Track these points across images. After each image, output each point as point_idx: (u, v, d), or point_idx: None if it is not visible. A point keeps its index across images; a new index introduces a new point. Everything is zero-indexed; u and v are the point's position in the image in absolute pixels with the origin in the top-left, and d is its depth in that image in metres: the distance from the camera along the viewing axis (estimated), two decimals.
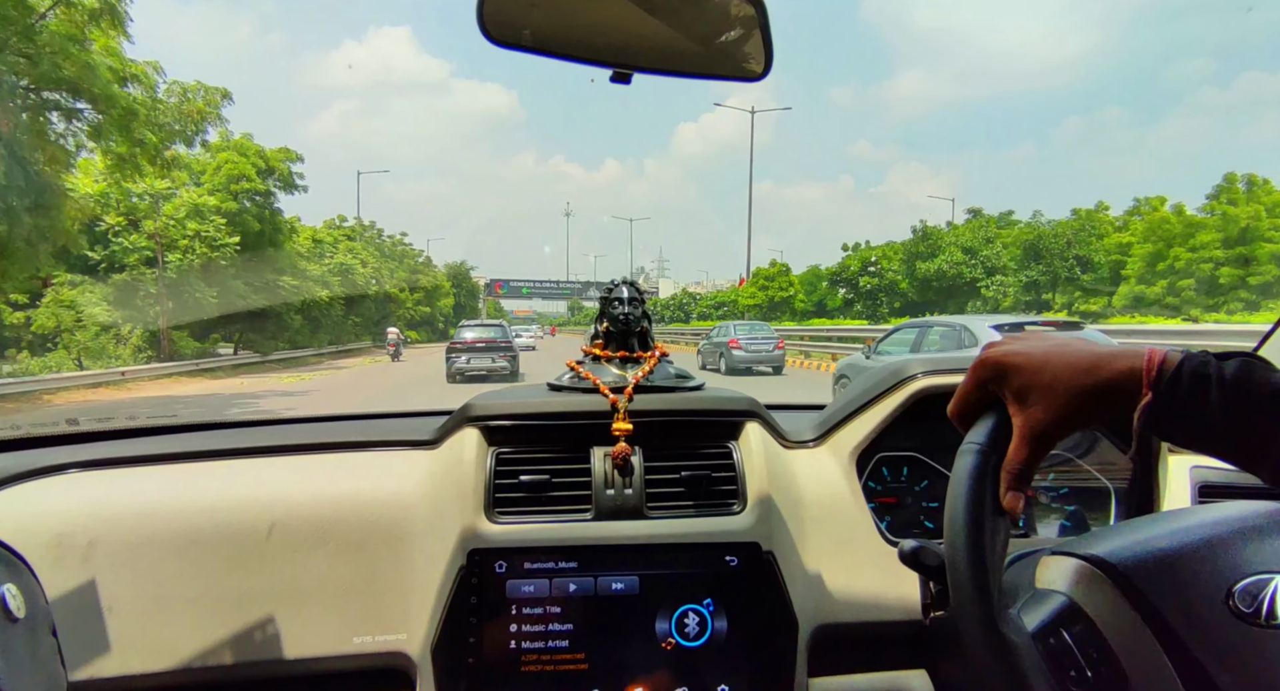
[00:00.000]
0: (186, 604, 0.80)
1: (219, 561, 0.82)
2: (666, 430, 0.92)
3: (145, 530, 0.82)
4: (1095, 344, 0.50)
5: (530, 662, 0.79)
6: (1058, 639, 0.51)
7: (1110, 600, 0.50)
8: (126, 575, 0.80)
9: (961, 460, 0.52)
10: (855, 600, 0.89)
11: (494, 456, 0.88)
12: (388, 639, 0.82)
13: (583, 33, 0.72)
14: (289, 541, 0.84)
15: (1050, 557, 0.57)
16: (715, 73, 0.77)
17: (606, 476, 0.88)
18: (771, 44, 0.76)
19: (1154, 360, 0.46)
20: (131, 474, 0.90)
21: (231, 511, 0.85)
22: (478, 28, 0.67)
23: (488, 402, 0.92)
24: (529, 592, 0.81)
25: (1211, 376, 0.44)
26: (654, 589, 0.82)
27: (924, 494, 1.03)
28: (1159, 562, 0.51)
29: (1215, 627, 0.47)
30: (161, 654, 0.79)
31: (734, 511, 0.88)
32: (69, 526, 0.81)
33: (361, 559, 0.84)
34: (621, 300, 0.98)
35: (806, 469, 0.97)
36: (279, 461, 0.94)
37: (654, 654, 0.81)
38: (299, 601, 0.82)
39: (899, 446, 1.02)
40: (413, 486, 0.89)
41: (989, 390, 0.53)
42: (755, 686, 0.82)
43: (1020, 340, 0.53)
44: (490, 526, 0.83)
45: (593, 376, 0.95)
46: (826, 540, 0.92)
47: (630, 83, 0.72)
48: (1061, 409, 0.49)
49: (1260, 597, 0.46)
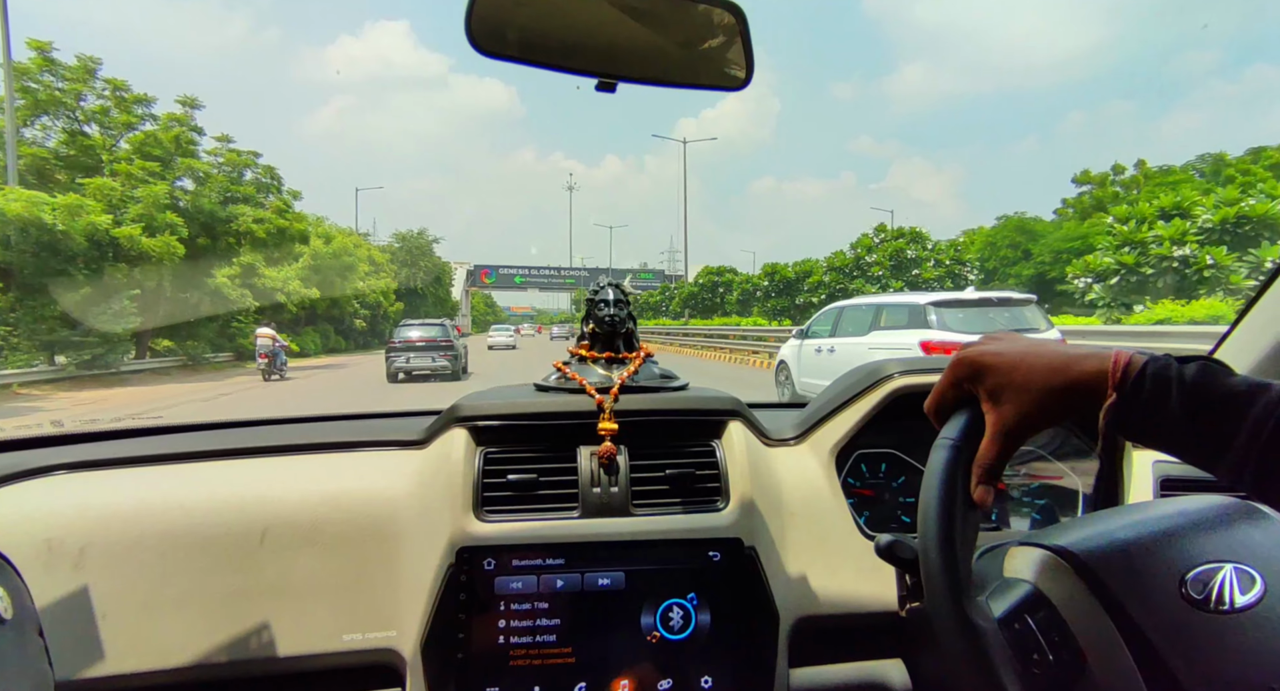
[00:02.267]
0: (176, 604, 0.81)
1: (208, 561, 0.83)
2: (651, 429, 0.94)
3: (134, 531, 0.82)
4: (1067, 346, 0.53)
5: (519, 657, 0.81)
6: (1022, 624, 0.53)
7: (1072, 588, 0.53)
8: (115, 576, 0.81)
9: (936, 454, 0.55)
10: (834, 593, 0.92)
11: (482, 456, 0.90)
12: (378, 636, 0.83)
13: (568, 42, 0.74)
14: (279, 541, 0.85)
15: (1018, 548, 0.60)
16: (698, 82, 0.79)
17: (593, 475, 0.89)
18: (752, 53, 0.78)
19: (1119, 362, 0.48)
20: (119, 475, 0.90)
21: (220, 511, 0.85)
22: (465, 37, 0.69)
23: (476, 403, 0.94)
24: (517, 589, 0.82)
25: (1173, 379, 0.46)
26: (639, 584, 0.84)
27: (901, 490, 1.06)
28: (1118, 552, 0.54)
29: (1169, 613, 0.49)
30: (152, 654, 0.79)
31: (717, 508, 0.90)
32: (57, 528, 0.81)
33: (351, 557, 0.85)
34: (607, 301, 1.00)
35: (787, 466, 0.99)
36: (268, 461, 0.94)
37: (639, 647, 0.83)
38: (289, 600, 0.83)
39: (877, 443, 1.05)
40: (402, 485, 0.90)
41: (964, 388, 0.56)
42: (738, 677, 0.84)
43: (996, 341, 0.55)
44: (479, 525, 0.84)
45: (579, 377, 0.96)
46: (807, 535, 0.94)
47: (615, 91, 0.74)
48: (1032, 407, 0.51)
49: (1210, 585, 0.49)
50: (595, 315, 1.00)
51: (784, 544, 0.93)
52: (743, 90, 0.78)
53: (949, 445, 0.55)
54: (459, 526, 0.84)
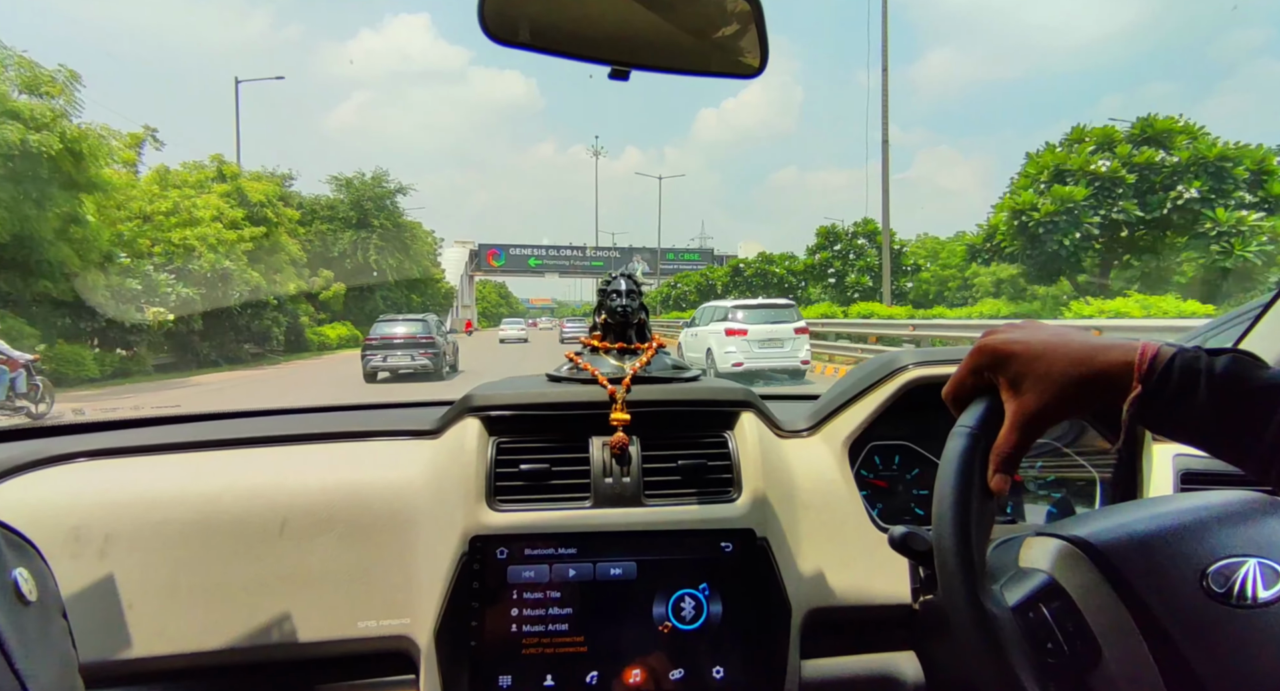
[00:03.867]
0: (196, 590, 0.82)
1: (230, 549, 0.84)
2: (663, 420, 0.94)
3: (154, 518, 0.84)
4: (1092, 335, 0.52)
5: (531, 645, 0.81)
6: (1036, 613, 0.53)
7: (1089, 578, 0.52)
8: (138, 563, 0.82)
9: (952, 442, 0.54)
10: (847, 585, 0.92)
11: (494, 446, 0.90)
12: (392, 623, 0.84)
13: (581, 30, 0.73)
14: (297, 529, 0.85)
15: (1034, 538, 0.59)
16: (712, 70, 0.79)
17: (605, 465, 0.89)
18: (767, 40, 0.77)
19: (1146, 354, 0.47)
20: (139, 463, 0.91)
21: (238, 499, 0.86)
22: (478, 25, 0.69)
23: (488, 393, 0.94)
24: (529, 578, 0.83)
25: (1201, 371, 0.45)
26: (651, 574, 0.84)
27: (914, 482, 1.05)
28: (1137, 544, 0.53)
29: (1188, 606, 0.49)
30: (173, 638, 0.81)
31: (729, 499, 0.90)
32: (78, 513, 0.83)
33: (367, 546, 0.86)
34: (619, 292, 1.00)
35: (800, 457, 0.99)
36: (284, 450, 0.95)
37: (651, 636, 0.83)
38: (306, 587, 0.84)
39: (890, 435, 1.05)
40: (415, 475, 0.91)
41: (984, 376, 0.55)
42: (749, 668, 0.84)
43: (1019, 329, 0.54)
44: (491, 514, 0.85)
45: (591, 367, 0.97)
46: (819, 527, 0.94)
47: (628, 79, 0.74)
48: (1053, 397, 0.50)
49: (1232, 579, 0.49)
50: (607, 305, 1.00)
51: (796, 535, 0.92)
52: (758, 77, 0.77)
53: (966, 433, 0.54)
54: (472, 516, 0.84)
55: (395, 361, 13.02)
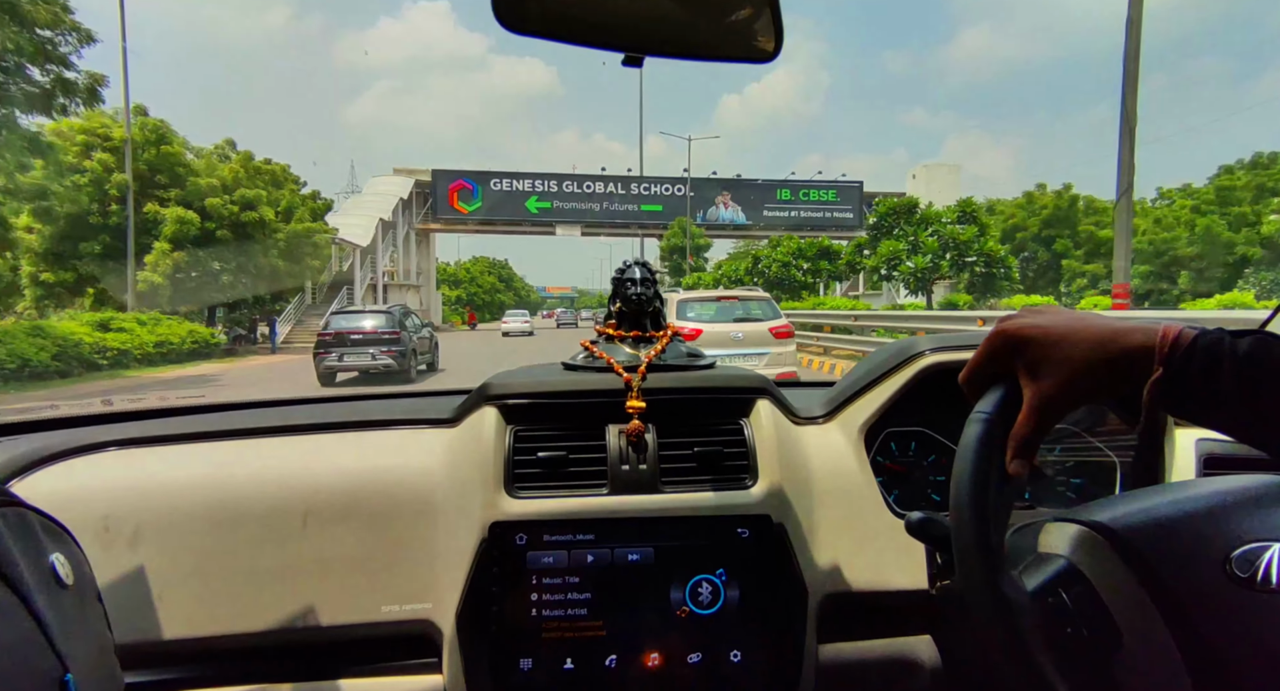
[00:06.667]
0: (225, 575, 0.84)
1: (256, 536, 0.86)
2: (679, 407, 0.94)
3: (183, 505, 0.86)
4: (1111, 318, 0.51)
5: (551, 629, 0.83)
6: (1056, 598, 0.53)
7: (1109, 563, 0.52)
8: (168, 550, 0.84)
9: (970, 427, 0.54)
10: (863, 570, 0.92)
11: (512, 434, 0.91)
12: (415, 608, 0.86)
13: (593, 16, 0.73)
14: (321, 516, 0.87)
15: (1053, 524, 0.59)
16: (726, 55, 0.78)
17: (621, 452, 0.90)
18: (782, 24, 0.76)
19: (1168, 336, 0.46)
20: (168, 451, 0.93)
21: (264, 487, 0.88)
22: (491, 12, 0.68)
23: (505, 382, 0.95)
24: (548, 563, 0.84)
25: (1225, 353, 0.45)
26: (668, 559, 0.85)
27: (931, 468, 1.05)
28: (1160, 528, 0.53)
29: (1212, 590, 0.48)
30: (202, 622, 0.83)
31: (745, 485, 0.90)
32: (111, 501, 0.85)
33: (388, 532, 0.88)
34: (634, 280, 1.00)
35: (816, 444, 0.99)
36: (308, 439, 0.97)
37: (669, 621, 0.84)
38: (330, 573, 0.86)
39: (907, 421, 1.04)
40: (435, 463, 0.92)
41: (1002, 361, 0.54)
42: (766, 652, 0.85)
43: (1038, 313, 0.54)
44: (510, 501, 0.86)
45: (607, 355, 0.97)
46: (836, 512, 0.94)
47: (642, 66, 0.73)
48: (1073, 382, 0.50)
49: (1257, 563, 0.48)
50: (622, 294, 1.01)
51: (813, 521, 0.93)
52: (772, 62, 0.76)
53: (984, 418, 0.54)
54: (491, 503, 0.85)
55: (354, 360, 11.27)
